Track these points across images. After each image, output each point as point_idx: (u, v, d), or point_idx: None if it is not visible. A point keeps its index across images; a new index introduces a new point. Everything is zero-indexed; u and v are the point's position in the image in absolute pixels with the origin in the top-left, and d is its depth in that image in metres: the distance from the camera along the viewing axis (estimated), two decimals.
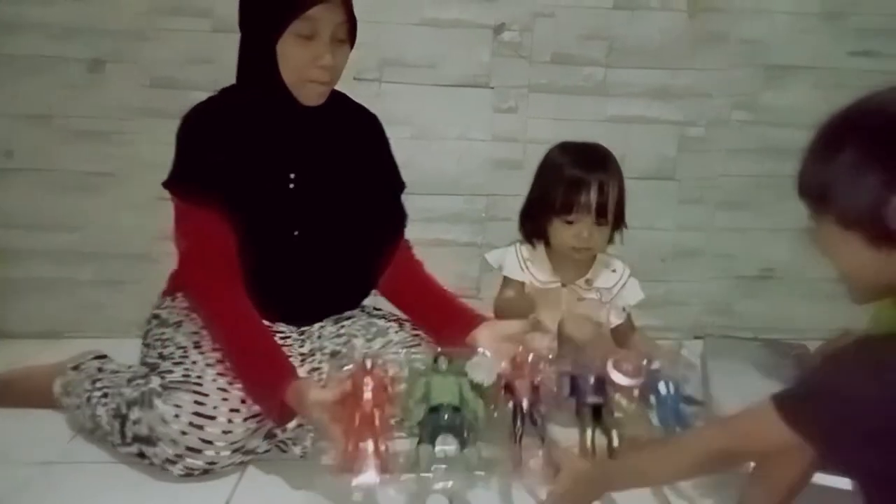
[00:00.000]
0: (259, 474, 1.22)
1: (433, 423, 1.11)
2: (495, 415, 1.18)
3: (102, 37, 1.81)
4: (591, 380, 1.24)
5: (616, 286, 1.55)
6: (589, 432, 1.17)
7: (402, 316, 1.46)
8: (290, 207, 1.33)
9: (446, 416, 1.11)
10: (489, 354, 1.19)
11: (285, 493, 1.18)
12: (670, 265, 2.06)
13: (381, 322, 1.43)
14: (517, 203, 1.61)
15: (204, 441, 1.16)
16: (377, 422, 1.07)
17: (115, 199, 1.88)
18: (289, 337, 1.37)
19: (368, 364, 1.12)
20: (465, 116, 1.96)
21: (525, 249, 1.57)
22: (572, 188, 1.45)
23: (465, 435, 1.10)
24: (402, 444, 1.13)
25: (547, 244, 1.55)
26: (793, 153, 0.90)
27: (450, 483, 1.04)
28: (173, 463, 1.16)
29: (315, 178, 1.34)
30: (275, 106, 1.27)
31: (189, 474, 1.17)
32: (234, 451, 1.19)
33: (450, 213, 1.53)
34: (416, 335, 1.41)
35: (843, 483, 0.96)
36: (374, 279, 1.45)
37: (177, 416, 1.15)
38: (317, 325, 1.42)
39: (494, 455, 1.12)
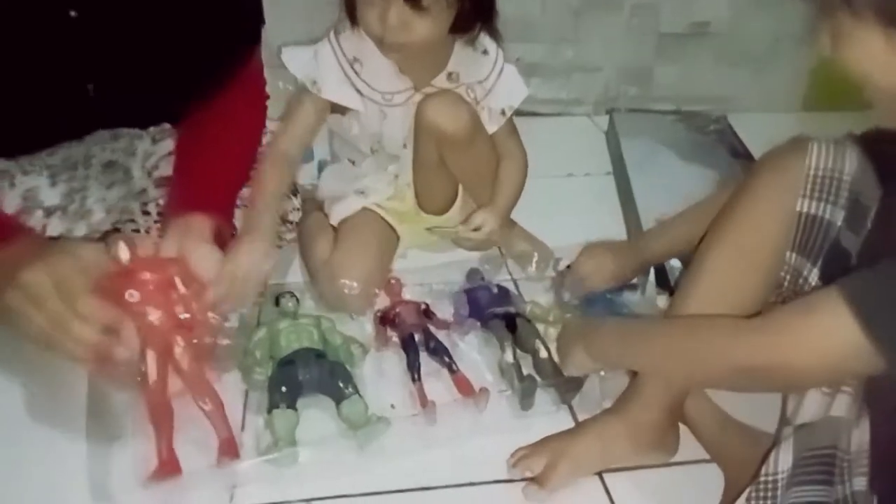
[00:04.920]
0: None
1: (287, 380, 0.81)
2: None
3: None
4: (494, 288, 0.98)
5: (490, 77, 1.04)
6: (508, 350, 0.87)
7: None
8: (75, 49, 0.86)
9: (306, 369, 0.82)
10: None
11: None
12: (581, 20, 1.65)
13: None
14: None
15: None
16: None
17: None
18: None
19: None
20: None
21: (349, 42, 0.99)
22: None
23: (340, 385, 0.81)
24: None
25: None
26: None
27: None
28: None
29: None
30: None
31: None
32: None
33: None
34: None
35: None
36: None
37: None
38: None
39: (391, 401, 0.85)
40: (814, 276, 0.71)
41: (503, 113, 1.05)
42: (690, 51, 1.72)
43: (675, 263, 1.01)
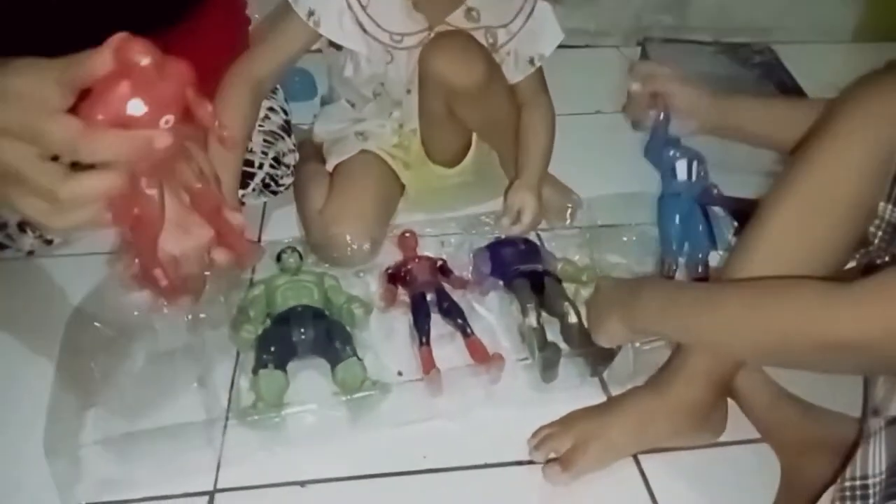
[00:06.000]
0: None
1: (279, 340, 0.73)
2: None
3: None
4: (521, 244, 0.86)
5: (518, 18, 0.88)
6: (532, 313, 0.75)
7: None
8: None
9: (301, 329, 0.73)
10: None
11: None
12: None
13: None
14: None
15: None
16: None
17: None
18: None
19: None
20: None
21: None
22: None
23: (338, 346, 0.72)
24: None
25: None
26: None
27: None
28: None
29: None
30: None
31: None
32: None
33: None
34: None
35: None
36: None
37: None
38: None
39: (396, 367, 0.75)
40: None
41: (532, 62, 0.90)
42: None
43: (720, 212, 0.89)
